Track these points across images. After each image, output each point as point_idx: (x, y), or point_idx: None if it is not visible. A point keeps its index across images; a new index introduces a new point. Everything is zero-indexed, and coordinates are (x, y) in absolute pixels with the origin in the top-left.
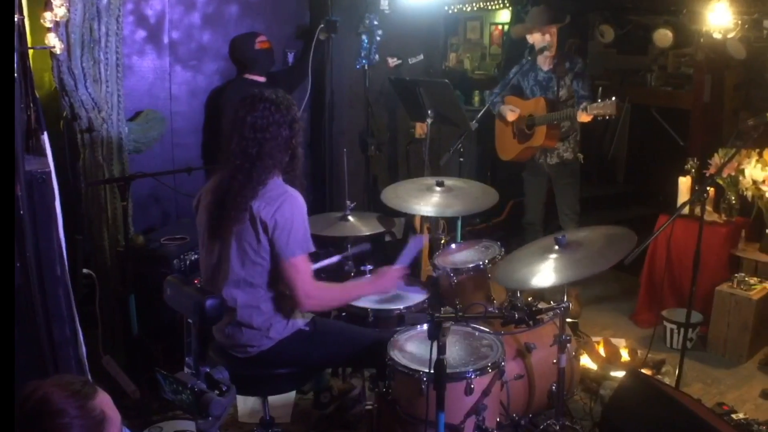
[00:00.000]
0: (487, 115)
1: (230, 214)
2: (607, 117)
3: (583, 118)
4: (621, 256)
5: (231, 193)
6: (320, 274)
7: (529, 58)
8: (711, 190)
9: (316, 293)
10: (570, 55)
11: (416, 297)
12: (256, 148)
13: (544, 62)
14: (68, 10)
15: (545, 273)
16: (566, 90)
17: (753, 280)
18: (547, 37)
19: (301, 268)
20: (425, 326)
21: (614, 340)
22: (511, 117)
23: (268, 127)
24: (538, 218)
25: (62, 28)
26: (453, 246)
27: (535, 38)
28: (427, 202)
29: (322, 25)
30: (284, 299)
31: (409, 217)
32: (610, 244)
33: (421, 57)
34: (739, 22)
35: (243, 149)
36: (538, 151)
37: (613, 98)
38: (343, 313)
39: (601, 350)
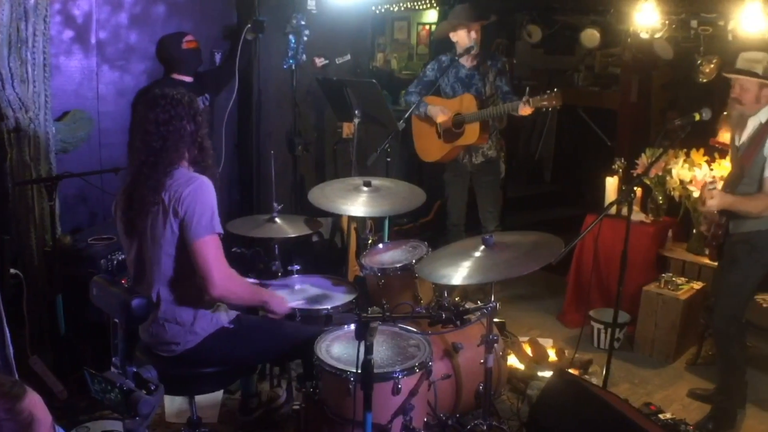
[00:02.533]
0: (409, 118)
1: (140, 208)
2: (549, 108)
3: (526, 111)
4: (547, 260)
5: (138, 188)
6: (248, 274)
7: (456, 57)
8: (638, 190)
9: (228, 277)
10: (491, 52)
11: (344, 297)
12: (159, 142)
13: (467, 59)
14: None
15: (470, 271)
16: (490, 87)
17: (680, 280)
18: (473, 34)
19: (211, 249)
20: (353, 326)
21: (541, 340)
22: (441, 119)
23: (170, 121)
24: (461, 220)
25: None
26: (380, 246)
27: (459, 36)
28: (354, 202)
29: (249, 25)
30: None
31: (336, 218)
32: (536, 247)
33: (349, 57)
34: (667, 22)
35: (147, 144)
36: (463, 150)
37: (555, 89)
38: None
39: (529, 350)
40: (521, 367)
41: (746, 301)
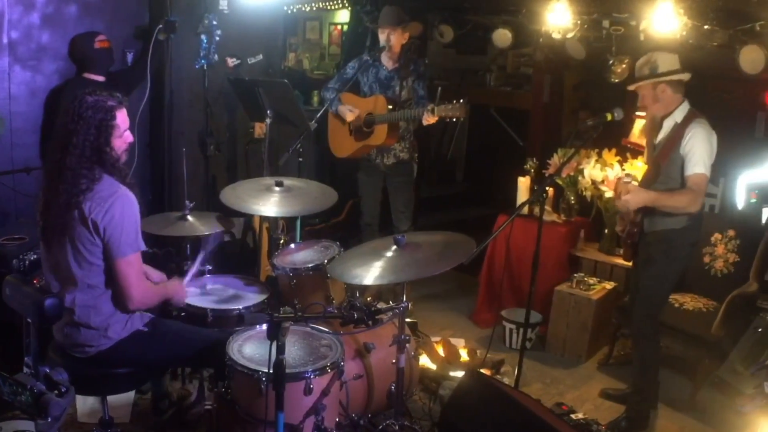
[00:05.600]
0: (325, 114)
1: (56, 217)
2: (455, 119)
3: (429, 119)
4: (459, 260)
5: (52, 195)
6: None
7: (376, 55)
8: (550, 190)
9: (145, 292)
10: (414, 57)
11: (256, 297)
12: (65, 149)
13: (388, 61)
14: None
15: (382, 271)
16: (407, 90)
17: (592, 280)
18: (392, 38)
19: (133, 268)
20: (264, 326)
21: (454, 340)
22: (350, 118)
23: (75, 129)
24: (375, 219)
25: None
26: (292, 246)
27: (381, 37)
28: (266, 202)
29: (161, 26)
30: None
31: (248, 218)
32: (448, 247)
33: (261, 57)
34: (579, 22)
35: (55, 150)
36: (374, 149)
37: (461, 100)
38: (183, 313)
39: (441, 350)
40: (433, 367)
41: (663, 300)
